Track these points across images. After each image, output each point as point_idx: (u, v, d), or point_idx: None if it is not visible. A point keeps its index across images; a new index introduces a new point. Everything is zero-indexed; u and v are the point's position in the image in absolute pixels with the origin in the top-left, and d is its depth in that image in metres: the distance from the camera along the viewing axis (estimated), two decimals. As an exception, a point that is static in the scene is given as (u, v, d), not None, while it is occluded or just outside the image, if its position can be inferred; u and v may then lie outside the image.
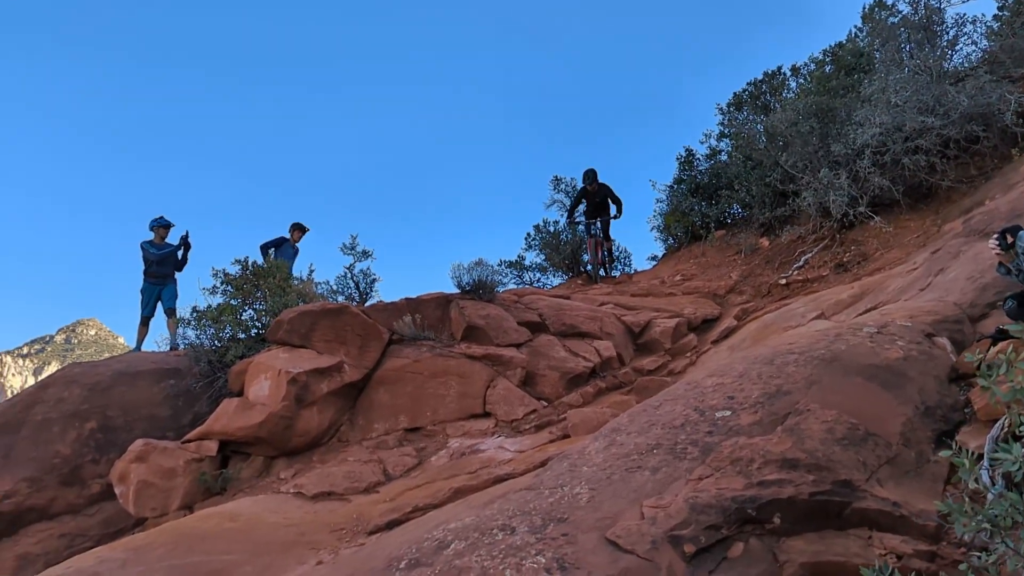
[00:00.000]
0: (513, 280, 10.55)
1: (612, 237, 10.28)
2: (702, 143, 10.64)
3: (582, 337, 6.30)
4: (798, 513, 2.55)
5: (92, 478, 5.87)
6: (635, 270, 10.58)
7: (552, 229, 10.81)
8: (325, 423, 5.36)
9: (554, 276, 10.79)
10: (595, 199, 9.89)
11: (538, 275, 10.92)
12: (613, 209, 9.80)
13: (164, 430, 6.14)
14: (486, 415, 5.38)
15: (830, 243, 7.48)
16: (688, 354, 6.22)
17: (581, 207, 10.21)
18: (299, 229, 9.67)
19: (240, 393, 5.69)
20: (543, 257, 10.83)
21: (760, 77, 10.36)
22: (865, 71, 8.90)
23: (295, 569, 3.52)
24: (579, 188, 10.23)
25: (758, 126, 9.48)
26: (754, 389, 3.29)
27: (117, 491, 5.22)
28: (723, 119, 10.34)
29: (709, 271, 8.54)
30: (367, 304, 7.01)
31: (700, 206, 9.80)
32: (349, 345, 5.69)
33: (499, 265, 10.58)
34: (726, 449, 2.88)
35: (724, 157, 10.30)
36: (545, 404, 5.42)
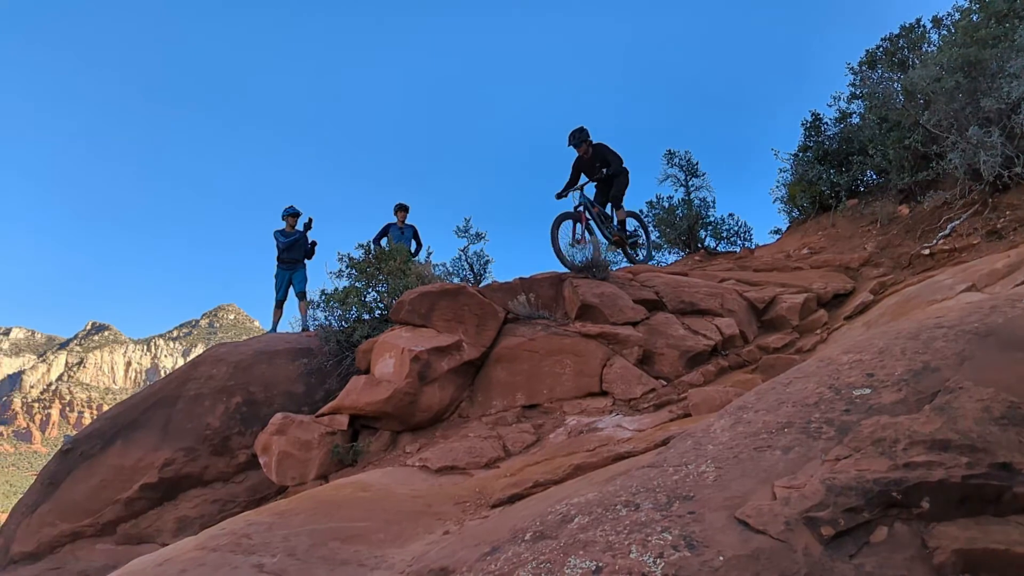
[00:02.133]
0: (625, 259, 10.40)
1: (624, 206, 8.38)
2: (830, 106, 9.90)
3: (702, 314, 6.10)
4: (949, 497, 2.34)
5: (239, 448, 6.37)
6: (756, 244, 10.08)
7: (666, 205, 10.48)
8: (446, 399, 5.52)
9: (669, 253, 10.50)
10: (592, 165, 8.21)
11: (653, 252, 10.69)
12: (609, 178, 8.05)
13: (300, 405, 6.56)
14: (603, 394, 5.33)
15: (981, 208, 6.78)
16: (818, 331, 5.86)
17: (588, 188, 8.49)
18: (402, 209, 9.95)
19: (367, 370, 5.98)
20: (657, 234, 10.54)
21: (896, 32, 9.49)
22: (1020, 17, 7.95)
23: (424, 537, 3.66)
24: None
25: (895, 84, 8.71)
26: (897, 366, 3.05)
27: (261, 461, 5.64)
28: (855, 79, 9.57)
29: (840, 243, 7.99)
30: (482, 285, 7.16)
31: (829, 174, 9.14)
32: (467, 324, 5.82)
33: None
34: (866, 429, 2.68)
35: (856, 120, 9.55)
36: (664, 383, 5.30)
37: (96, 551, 5.90)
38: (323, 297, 7.27)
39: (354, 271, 7.19)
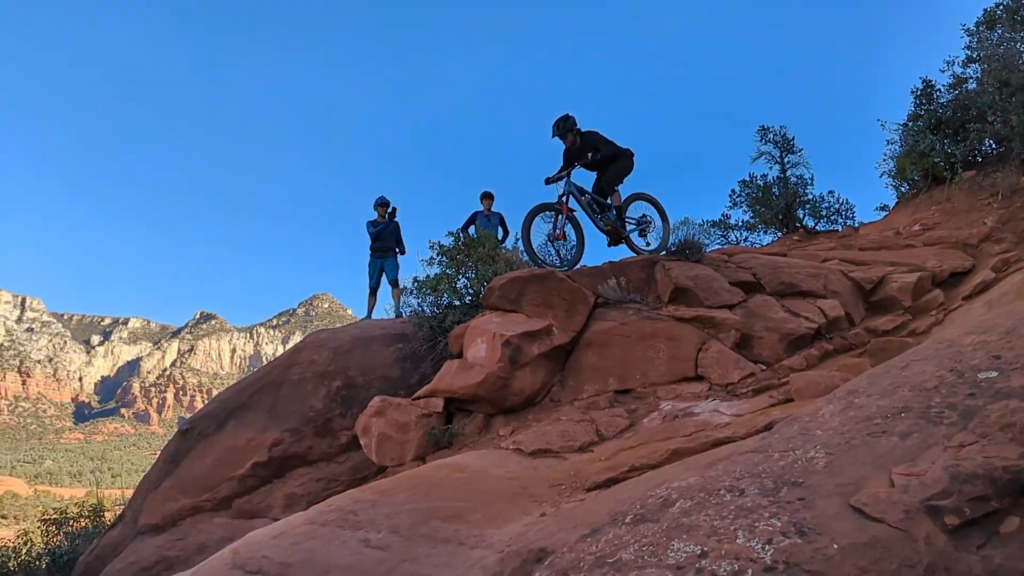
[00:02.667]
0: (717, 241, 10.05)
1: (620, 191, 7.42)
2: (943, 72, 9.23)
3: (803, 296, 5.85)
4: (1088, 487, 2.15)
5: (340, 430, 6.64)
6: (860, 222, 9.54)
7: (760, 183, 10.07)
8: (538, 384, 5.55)
9: (764, 234, 10.09)
10: (583, 155, 7.21)
11: (745, 234, 10.30)
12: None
13: (396, 388, 6.76)
14: (698, 378, 5.22)
15: (1118, 177, 6.17)
16: (933, 312, 5.51)
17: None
18: (488, 197, 10.01)
19: (459, 355, 6.09)
20: (751, 214, 10.15)
21: (1017, -11, 8.72)
22: None
23: (521, 518, 3.70)
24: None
25: (1018, 45, 8.01)
26: (1027, 347, 2.82)
27: (361, 442, 5.86)
28: (971, 42, 8.87)
29: (956, 218, 7.44)
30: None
31: (943, 144, 8.50)
32: (556, 309, 5.82)
33: (701, 225, 10.09)
34: (994, 414, 2.50)
35: (972, 85, 8.85)
36: (763, 367, 5.13)
37: (214, 524, 6.32)
38: (415, 284, 7.45)
39: (444, 258, 7.33)
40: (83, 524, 11.60)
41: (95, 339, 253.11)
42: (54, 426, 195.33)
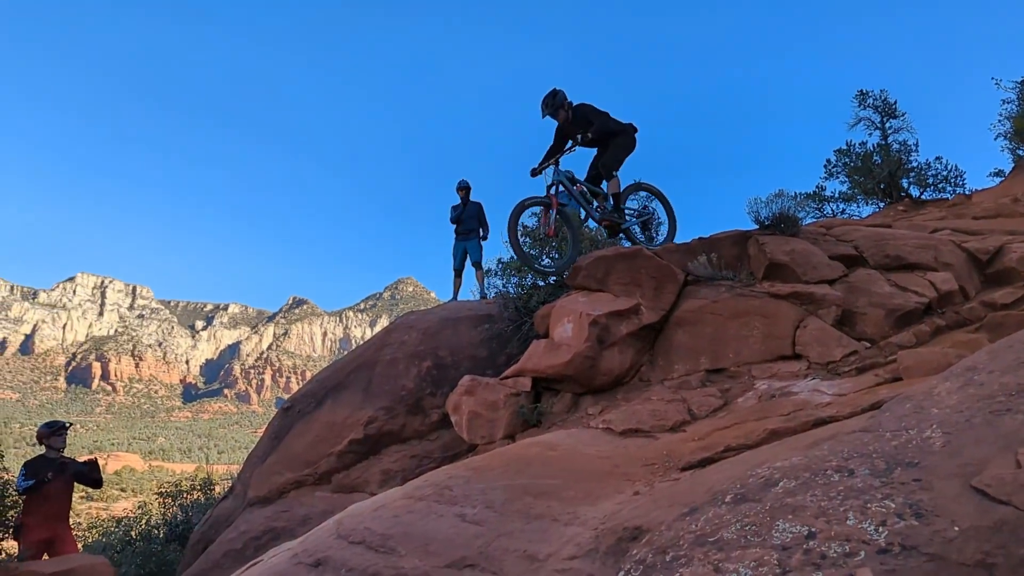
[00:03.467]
0: (812, 214, 9.59)
1: (619, 176, 6.74)
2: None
3: (911, 269, 5.51)
4: None
5: (431, 408, 6.82)
6: (972, 190, 8.88)
7: (860, 151, 9.51)
8: (626, 363, 5.50)
9: (864, 205, 9.55)
10: (577, 132, 6.64)
11: (842, 206, 9.78)
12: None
13: (484, 368, 6.87)
14: (796, 357, 5.02)
15: None
16: (1058, 284, 5.09)
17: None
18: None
19: (545, 335, 6.10)
20: (848, 185, 9.61)
21: None
22: None
23: (614, 497, 3.69)
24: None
25: None
26: None
27: (452, 420, 5.99)
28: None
29: (1082, 182, 6.84)
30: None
31: (1066, 103, 7.82)
32: (644, 287, 5.73)
33: (795, 197, 9.62)
34: None
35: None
36: (867, 345, 4.88)
37: (316, 498, 6.63)
38: (500, 265, 7.51)
39: (528, 239, 7.35)
40: (195, 496, 12.42)
41: (199, 324, 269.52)
42: (165, 406, 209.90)
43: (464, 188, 10.04)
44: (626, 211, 6.92)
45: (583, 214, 6.87)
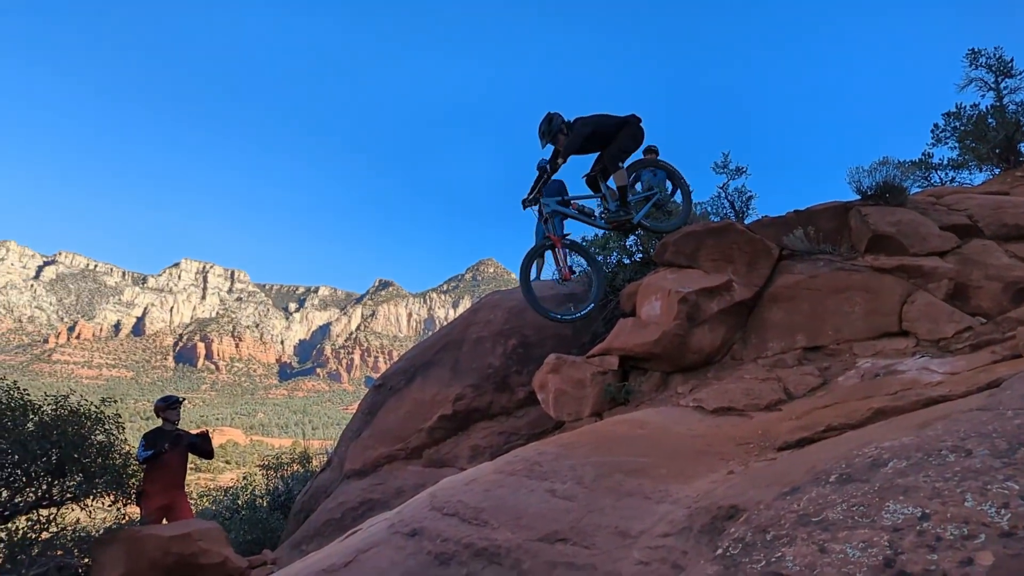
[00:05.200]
0: (917, 183, 8.99)
1: (622, 166, 6.17)
2: None
3: (1032, 240, 5.10)
4: None
5: (517, 386, 6.88)
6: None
7: (972, 114, 8.82)
8: (717, 341, 5.36)
9: (976, 172, 8.86)
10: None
11: (951, 173, 9.11)
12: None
13: (569, 347, 6.87)
14: (902, 334, 4.76)
15: None
16: None
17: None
18: (651, 151, 9.59)
19: (632, 313, 6.02)
20: (959, 150, 8.94)
21: None
22: None
23: (707, 476, 3.63)
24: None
25: None
26: None
27: (539, 397, 6.03)
28: None
29: None
30: (748, 221, 6.75)
31: None
32: (736, 263, 5.56)
33: (901, 165, 8.99)
34: None
35: None
36: (982, 321, 4.56)
37: (408, 471, 6.85)
38: (584, 243, 7.45)
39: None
40: (294, 469, 13.07)
41: (292, 306, 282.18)
42: (263, 383, 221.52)
43: (544, 168, 9.98)
44: (632, 200, 6.42)
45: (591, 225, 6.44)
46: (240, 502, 12.11)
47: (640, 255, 7.05)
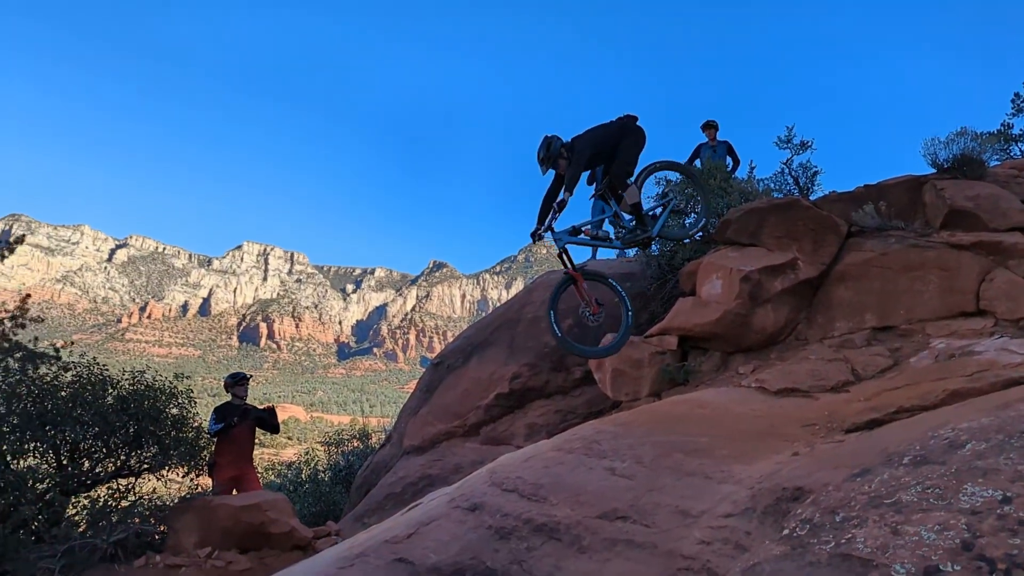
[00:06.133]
0: (996, 156, 8.49)
1: (632, 183, 5.55)
2: None
3: (1125, 214, 4.78)
4: None
5: (573, 366, 6.88)
6: None
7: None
8: (781, 321, 5.23)
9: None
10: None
11: (1035, 145, 8.60)
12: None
13: (627, 327, 6.80)
14: (979, 313, 4.55)
15: None
16: None
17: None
18: (710, 126, 9.31)
19: (692, 292, 5.93)
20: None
21: None
22: None
23: (770, 457, 3.56)
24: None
25: None
26: None
27: (596, 377, 6.02)
28: None
29: None
30: (813, 198, 6.53)
31: None
32: (802, 241, 5.39)
33: (979, 136, 8.48)
34: None
35: None
36: (1068, 299, 4.32)
37: (465, 448, 6.96)
38: (678, 187, 7.28)
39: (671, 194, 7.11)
40: (355, 445, 13.43)
41: (349, 287, 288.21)
42: (322, 363, 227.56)
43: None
44: (650, 214, 5.89)
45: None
46: (303, 476, 12.54)
47: (700, 234, 6.90)
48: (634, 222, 5.69)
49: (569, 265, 5.50)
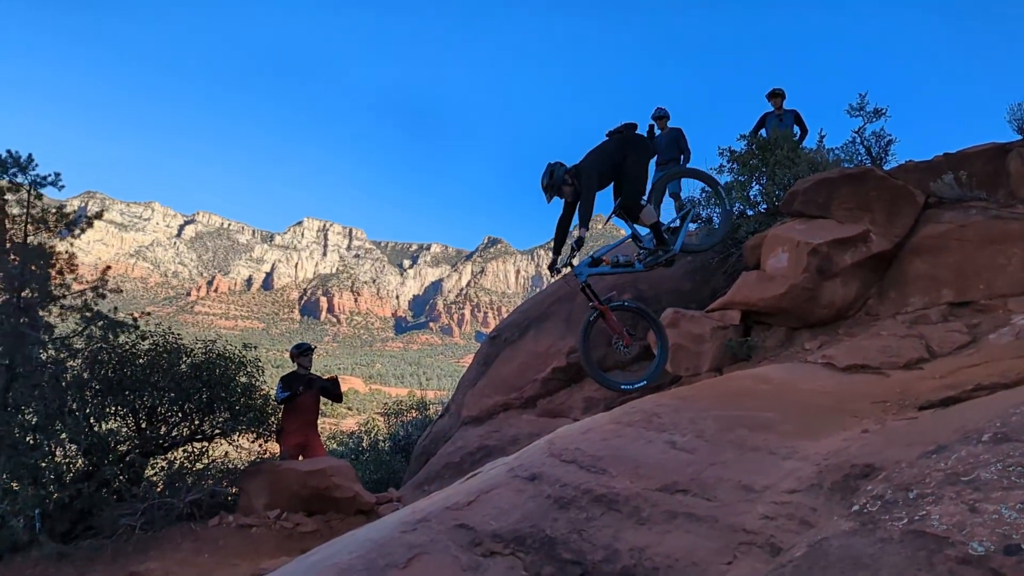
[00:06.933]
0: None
1: (646, 204, 5.53)
2: None
3: None
4: None
5: (633, 341, 6.82)
6: None
7: None
8: (850, 295, 5.06)
9: None
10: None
11: None
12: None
13: (687, 302, 6.70)
14: (1066, 288, 4.30)
15: None
16: None
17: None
18: (776, 95, 8.97)
19: (756, 266, 5.78)
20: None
21: None
22: None
23: (838, 433, 3.48)
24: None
25: None
26: None
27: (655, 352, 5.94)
28: None
29: None
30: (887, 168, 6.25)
31: None
32: (874, 212, 5.18)
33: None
34: None
35: None
36: None
37: (522, 420, 7.02)
38: (703, 195, 7.18)
39: (736, 165, 6.91)
40: (413, 415, 13.72)
41: (406, 263, 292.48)
42: (380, 336, 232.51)
43: (661, 116, 9.62)
44: (668, 230, 5.80)
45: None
46: (363, 445, 12.90)
47: (765, 206, 6.71)
48: (654, 241, 5.55)
49: (594, 299, 5.44)
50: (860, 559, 1.88)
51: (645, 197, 5.57)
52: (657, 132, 9.61)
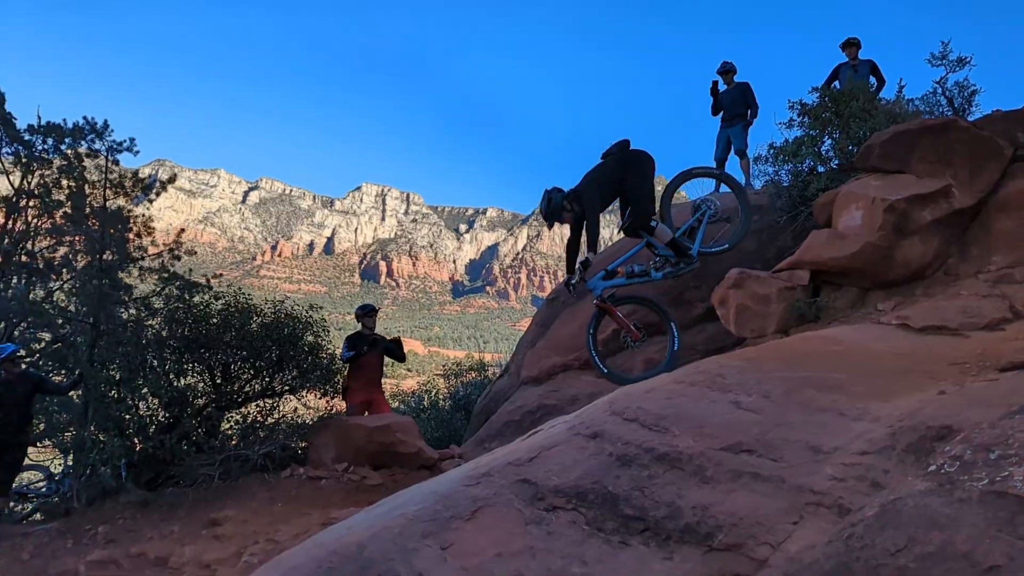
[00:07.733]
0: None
1: (656, 223, 5.85)
2: None
3: None
4: None
5: (695, 301, 6.72)
6: None
7: None
8: (929, 254, 4.83)
9: None
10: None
11: None
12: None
13: (752, 262, 6.53)
14: None
15: None
16: None
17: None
18: (852, 44, 8.51)
19: (827, 225, 5.58)
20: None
21: None
22: None
23: (913, 395, 3.36)
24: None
25: None
26: None
27: (719, 312, 5.84)
28: None
29: None
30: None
31: None
32: (956, 167, 4.89)
33: None
34: None
35: None
36: None
37: (582, 380, 7.04)
38: (771, 151, 6.92)
39: (807, 119, 6.61)
40: (472, 376, 13.96)
41: (462, 227, 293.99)
42: (437, 300, 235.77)
43: (728, 71, 9.28)
44: (680, 232, 6.02)
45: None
46: (424, 404, 13.22)
47: (837, 162, 6.43)
48: (674, 254, 5.50)
49: (599, 299, 5.75)
50: (936, 519, 1.83)
51: (656, 212, 5.83)
52: (722, 87, 9.35)
